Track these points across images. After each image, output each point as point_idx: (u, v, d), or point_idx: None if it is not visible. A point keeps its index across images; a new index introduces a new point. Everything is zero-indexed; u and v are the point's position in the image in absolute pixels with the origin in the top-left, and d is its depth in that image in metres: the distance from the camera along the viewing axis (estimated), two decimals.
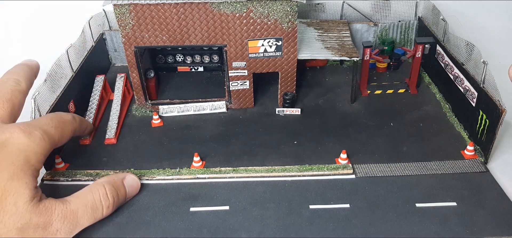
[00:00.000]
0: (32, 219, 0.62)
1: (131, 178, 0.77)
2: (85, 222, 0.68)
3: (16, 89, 0.77)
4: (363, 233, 0.68)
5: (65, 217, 0.65)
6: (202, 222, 0.71)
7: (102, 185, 0.71)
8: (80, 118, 0.84)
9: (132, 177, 0.77)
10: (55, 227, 0.64)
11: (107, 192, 0.71)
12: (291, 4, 0.87)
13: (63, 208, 0.65)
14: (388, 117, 0.96)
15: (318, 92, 1.07)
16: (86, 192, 0.70)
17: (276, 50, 0.93)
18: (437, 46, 1.03)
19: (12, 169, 0.63)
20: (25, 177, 0.64)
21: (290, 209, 0.73)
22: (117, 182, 0.74)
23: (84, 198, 0.69)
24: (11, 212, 0.61)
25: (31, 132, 0.68)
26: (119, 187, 0.74)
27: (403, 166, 0.82)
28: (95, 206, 0.69)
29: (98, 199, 0.70)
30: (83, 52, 1.06)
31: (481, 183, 0.77)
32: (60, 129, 0.74)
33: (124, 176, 0.76)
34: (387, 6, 1.17)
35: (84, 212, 0.67)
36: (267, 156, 0.85)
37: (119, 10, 0.87)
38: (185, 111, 1.00)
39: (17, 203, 0.62)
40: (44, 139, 0.69)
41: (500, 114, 0.77)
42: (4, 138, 0.66)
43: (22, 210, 0.62)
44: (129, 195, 0.76)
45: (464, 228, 0.68)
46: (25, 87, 0.80)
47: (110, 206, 0.71)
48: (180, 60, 1.13)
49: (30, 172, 0.65)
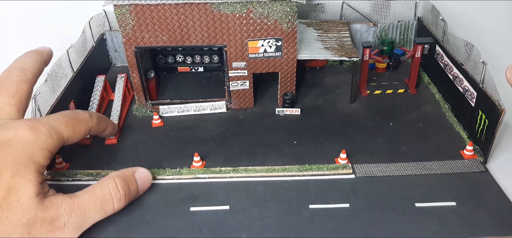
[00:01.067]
0: (37, 214, 0.62)
1: (142, 172, 0.77)
2: (94, 215, 0.68)
3: (21, 80, 0.76)
4: (363, 233, 0.68)
5: (73, 211, 0.65)
6: (202, 222, 0.72)
7: (112, 179, 0.71)
8: (99, 118, 0.82)
9: (143, 171, 0.77)
10: (62, 221, 0.64)
11: (118, 185, 0.71)
12: (291, 5, 0.87)
13: (70, 202, 0.66)
14: (388, 117, 0.96)
15: (318, 92, 1.07)
16: (95, 186, 0.70)
17: (276, 51, 0.93)
18: (436, 46, 1.03)
19: (16, 166, 0.63)
20: (28, 173, 0.64)
21: (290, 209, 0.73)
22: (127, 175, 0.74)
23: (92, 192, 0.69)
24: (16, 209, 0.62)
25: (38, 128, 0.67)
26: (130, 180, 0.74)
27: (403, 166, 0.82)
28: (104, 200, 0.69)
29: (108, 192, 0.70)
30: (84, 52, 1.06)
31: (481, 183, 0.77)
32: (72, 127, 0.73)
33: (135, 170, 0.76)
34: (386, 7, 1.17)
35: (92, 205, 0.67)
36: (267, 156, 0.86)
37: (119, 11, 0.87)
38: (185, 111, 1.00)
39: (21, 199, 0.62)
40: (51, 136, 0.68)
41: (499, 114, 0.77)
42: (9, 135, 0.66)
43: (27, 206, 0.62)
44: (141, 189, 0.76)
45: (464, 228, 0.69)
46: (31, 76, 0.78)
47: (122, 199, 0.71)
48: (180, 60, 1.13)
49: (34, 168, 0.65)
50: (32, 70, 0.78)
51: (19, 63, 0.79)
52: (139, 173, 0.76)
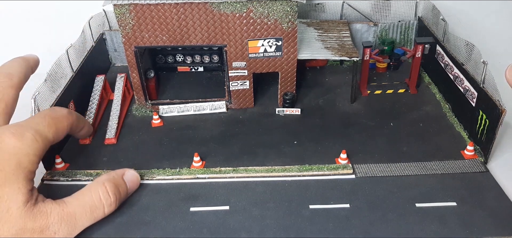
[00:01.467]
0: (26, 224, 0.61)
1: (130, 174, 0.76)
2: (84, 222, 0.67)
3: (7, 86, 0.74)
4: (363, 233, 0.68)
5: (62, 219, 0.65)
6: (202, 222, 0.71)
7: (102, 184, 0.70)
8: (77, 114, 0.82)
9: (132, 172, 0.77)
10: (53, 229, 0.64)
11: (108, 191, 0.70)
12: (291, 4, 0.87)
13: (59, 210, 0.65)
14: (388, 117, 0.96)
15: (318, 92, 1.07)
16: (85, 192, 0.69)
17: (276, 50, 0.93)
18: (437, 46, 1.03)
19: (3, 175, 0.62)
20: (17, 181, 0.62)
21: (290, 209, 0.73)
22: (117, 179, 0.73)
23: (82, 199, 0.68)
24: (5, 219, 0.60)
25: (23, 134, 0.66)
26: (120, 184, 0.73)
27: (403, 166, 0.82)
28: (94, 206, 0.68)
29: (98, 198, 0.69)
30: (83, 52, 1.06)
31: (481, 183, 0.77)
32: (54, 127, 0.71)
33: (123, 171, 0.76)
34: (387, 6, 1.17)
35: (82, 213, 0.67)
36: (267, 156, 0.86)
37: (119, 10, 0.87)
38: (185, 111, 1.00)
39: (10, 209, 0.61)
40: (36, 140, 0.67)
41: (500, 114, 0.77)
42: None
43: (16, 215, 0.61)
44: (130, 191, 0.75)
45: (464, 228, 0.68)
46: (17, 80, 0.76)
47: (112, 204, 0.70)
48: (180, 60, 1.13)
49: (22, 175, 0.63)
50: (18, 75, 0.77)
51: (5, 68, 0.77)
52: (128, 176, 0.76)
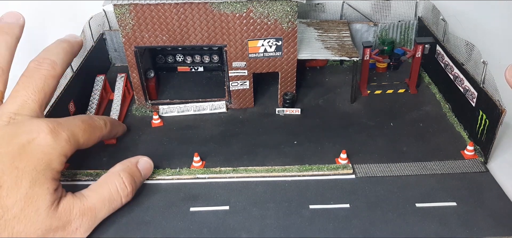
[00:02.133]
0: (52, 224, 0.62)
1: (144, 161, 0.78)
2: (103, 215, 0.69)
3: (50, 75, 0.72)
4: (363, 233, 0.68)
5: (84, 215, 0.66)
6: (202, 222, 0.71)
7: (118, 175, 0.71)
8: (112, 123, 0.83)
9: (145, 159, 0.78)
10: (74, 225, 0.65)
11: (125, 182, 0.71)
12: (291, 4, 0.87)
13: (80, 205, 0.66)
14: (388, 117, 0.96)
15: (318, 92, 1.07)
16: (102, 184, 0.70)
17: (276, 50, 0.93)
18: (437, 46, 1.03)
19: (34, 174, 0.62)
20: (46, 182, 0.63)
21: (290, 209, 0.73)
22: (132, 168, 0.74)
23: (101, 192, 0.69)
24: (33, 220, 0.61)
25: (59, 133, 0.66)
26: (135, 173, 0.74)
27: (403, 166, 0.82)
28: (112, 198, 0.69)
29: (115, 190, 0.70)
30: (83, 52, 1.06)
31: (481, 183, 0.77)
32: (88, 134, 0.72)
33: (137, 159, 0.77)
34: (387, 6, 1.17)
35: (101, 206, 0.68)
36: (267, 156, 0.86)
37: (119, 10, 0.87)
38: (185, 111, 1.00)
39: (39, 210, 0.61)
40: (70, 142, 0.67)
41: (500, 114, 0.77)
42: (30, 138, 0.63)
43: (43, 216, 0.62)
44: (144, 178, 0.77)
45: (464, 228, 0.68)
46: (60, 70, 0.74)
47: (129, 194, 0.72)
48: (180, 60, 1.13)
49: (51, 175, 0.64)
50: (62, 64, 0.74)
51: (50, 54, 0.74)
52: (141, 163, 0.77)
